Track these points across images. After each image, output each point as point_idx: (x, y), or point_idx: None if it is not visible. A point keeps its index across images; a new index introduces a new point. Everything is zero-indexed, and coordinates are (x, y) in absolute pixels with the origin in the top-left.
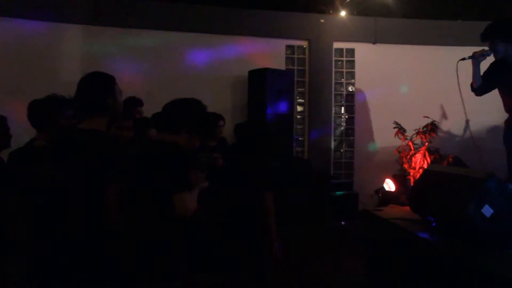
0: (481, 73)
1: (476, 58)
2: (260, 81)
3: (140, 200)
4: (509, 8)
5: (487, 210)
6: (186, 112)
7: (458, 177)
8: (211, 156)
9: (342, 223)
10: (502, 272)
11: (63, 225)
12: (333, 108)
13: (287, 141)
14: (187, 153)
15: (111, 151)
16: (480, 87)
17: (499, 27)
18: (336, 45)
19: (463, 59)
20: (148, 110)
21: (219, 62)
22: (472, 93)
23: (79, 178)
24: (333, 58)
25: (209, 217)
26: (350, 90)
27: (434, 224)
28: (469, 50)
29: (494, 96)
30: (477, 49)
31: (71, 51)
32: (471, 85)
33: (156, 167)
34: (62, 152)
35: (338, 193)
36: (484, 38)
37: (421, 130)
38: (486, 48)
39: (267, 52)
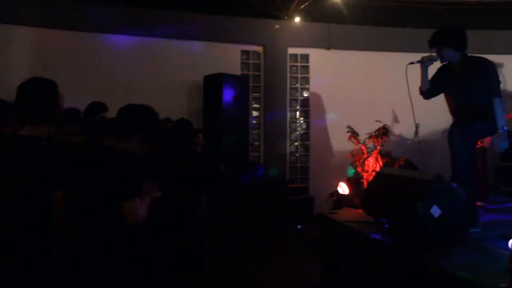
0: (429, 78)
1: (424, 63)
2: (215, 86)
3: (87, 206)
4: (455, 17)
5: (436, 211)
6: (136, 119)
7: (408, 179)
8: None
9: (298, 227)
10: (449, 270)
11: (11, 230)
12: (288, 113)
13: (242, 146)
14: (135, 159)
15: (56, 156)
16: (428, 90)
17: (444, 35)
18: (291, 50)
19: (412, 63)
20: None
21: (174, 67)
22: (422, 97)
23: (25, 184)
24: (288, 64)
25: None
26: (305, 95)
27: (386, 225)
28: (418, 56)
29: (443, 100)
30: (425, 55)
31: (19, 54)
32: (420, 88)
33: (103, 173)
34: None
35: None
36: (431, 45)
37: (373, 134)
38: (434, 53)
39: (223, 57)
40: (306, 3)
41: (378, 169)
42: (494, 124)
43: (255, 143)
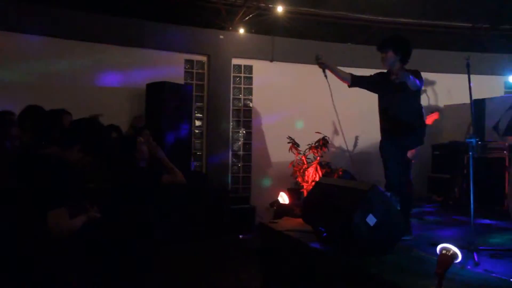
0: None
1: (323, 64)
2: (158, 94)
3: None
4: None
5: (371, 219)
6: (79, 130)
7: (345, 189)
8: None
9: (240, 236)
10: (383, 275)
11: None
12: (231, 123)
13: (185, 155)
14: (70, 169)
15: None
16: (355, 78)
17: (394, 41)
18: (235, 61)
19: (325, 75)
20: None
21: (116, 74)
22: (363, 111)
23: None
24: (232, 74)
25: None
26: (248, 105)
27: (325, 234)
28: (357, 72)
29: None
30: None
31: None
32: (342, 81)
33: (34, 178)
34: None
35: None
36: (380, 46)
37: (313, 145)
38: (320, 55)
39: (166, 66)
40: (251, 15)
41: (317, 179)
42: (419, 138)
43: (198, 153)
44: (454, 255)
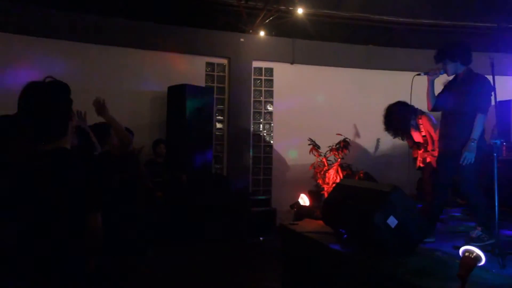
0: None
1: (430, 75)
2: (179, 97)
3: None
4: (416, 36)
5: (392, 221)
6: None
7: (366, 190)
8: None
9: (261, 238)
10: (404, 277)
11: None
12: (252, 126)
13: (206, 157)
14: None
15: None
16: (435, 104)
17: (447, 50)
18: (256, 64)
19: (419, 74)
20: None
21: (138, 77)
22: (382, 113)
23: None
24: (252, 77)
25: None
26: (269, 108)
27: (345, 236)
28: (378, 73)
29: None
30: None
31: None
32: (427, 106)
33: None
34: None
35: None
36: (436, 60)
37: (334, 147)
38: (439, 67)
39: (187, 69)
40: (271, 18)
41: (338, 181)
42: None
43: (219, 155)
44: (478, 258)
